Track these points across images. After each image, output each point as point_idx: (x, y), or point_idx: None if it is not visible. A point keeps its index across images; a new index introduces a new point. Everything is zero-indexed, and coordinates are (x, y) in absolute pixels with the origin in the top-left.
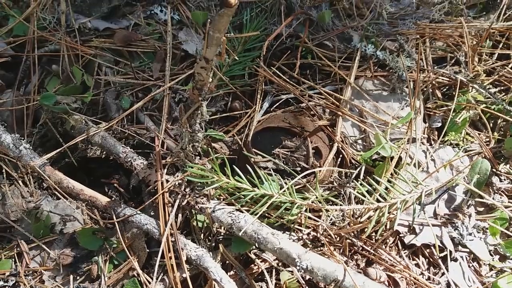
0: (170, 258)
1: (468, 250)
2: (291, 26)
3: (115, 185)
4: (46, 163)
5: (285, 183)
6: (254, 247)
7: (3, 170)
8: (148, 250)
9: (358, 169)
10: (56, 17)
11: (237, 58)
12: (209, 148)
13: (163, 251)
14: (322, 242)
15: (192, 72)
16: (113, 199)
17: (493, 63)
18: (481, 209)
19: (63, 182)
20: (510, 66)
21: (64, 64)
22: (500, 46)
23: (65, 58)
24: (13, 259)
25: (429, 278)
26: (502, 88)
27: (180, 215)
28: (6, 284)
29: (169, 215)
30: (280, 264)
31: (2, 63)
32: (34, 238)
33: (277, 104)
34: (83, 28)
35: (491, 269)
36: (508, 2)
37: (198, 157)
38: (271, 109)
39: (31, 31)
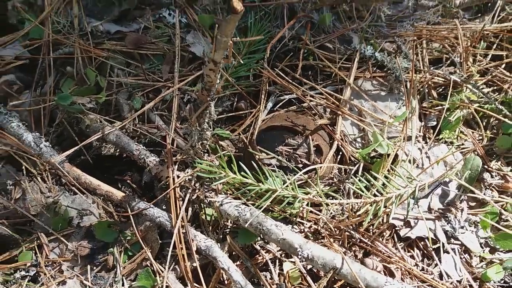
0: (181, 248)
1: (460, 242)
2: (294, 29)
3: (128, 181)
4: (65, 160)
5: (288, 178)
6: (259, 239)
7: (23, 167)
8: (160, 242)
9: (357, 165)
10: (69, 20)
11: (242, 62)
12: (216, 146)
13: (174, 242)
14: (323, 234)
15: (200, 74)
16: (127, 193)
17: (487, 64)
18: (473, 203)
19: (81, 178)
20: (503, 66)
21: (78, 66)
22: (494, 47)
23: (79, 60)
24: (34, 251)
25: (423, 269)
26: (495, 88)
27: (190, 208)
28: (27, 274)
29: (180, 209)
30: (283, 255)
31: (19, 66)
32: (53, 231)
33: (281, 104)
34: (95, 31)
35: (481, 261)
36: (502, 4)
37: (207, 154)
38: (275, 109)
39: (46, 34)
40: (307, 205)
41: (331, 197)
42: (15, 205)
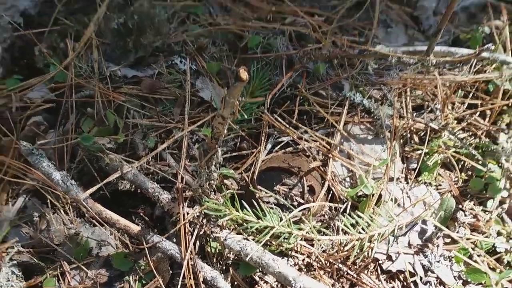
0: (190, 278)
1: (436, 275)
2: (291, 77)
3: (141, 214)
4: (88, 197)
5: (284, 216)
6: (258, 270)
7: (48, 201)
8: (171, 272)
9: (345, 204)
10: (90, 65)
11: (246, 116)
12: (221, 185)
13: (184, 273)
14: (314, 267)
15: (208, 118)
16: (142, 227)
17: (463, 111)
18: (448, 240)
19: (102, 213)
20: (477, 114)
21: (98, 108)
22: (470, 96)
23: (99, 102)
24: (57, 278)
25: None
26: (470, 133)
27: (197, 242)
28: None
29: (189, 243)
30: (279, 285)
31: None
32: (74, 260)
33: (279, 145)
34: (114, 76)
35: None
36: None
37: (213, 193)
38: (274, 150)
39: (69, 78)
40: (301, 240)
41: (322, 233)
42: (40, 235)
